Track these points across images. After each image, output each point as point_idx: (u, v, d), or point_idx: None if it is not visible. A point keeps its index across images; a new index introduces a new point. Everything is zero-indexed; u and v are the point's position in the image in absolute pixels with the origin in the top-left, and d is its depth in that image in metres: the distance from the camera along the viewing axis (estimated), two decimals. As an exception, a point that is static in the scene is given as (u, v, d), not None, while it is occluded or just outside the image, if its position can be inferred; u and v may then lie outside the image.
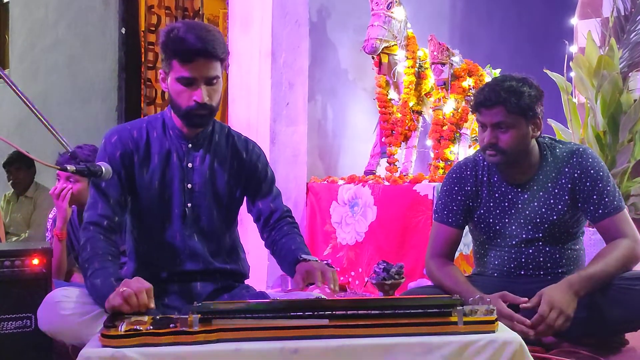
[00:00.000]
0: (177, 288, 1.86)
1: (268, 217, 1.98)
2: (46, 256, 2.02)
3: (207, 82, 1.76)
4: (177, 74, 1.75)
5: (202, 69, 1.74)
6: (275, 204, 1.99)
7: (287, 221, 1.99)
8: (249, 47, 3.71)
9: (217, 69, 1.77)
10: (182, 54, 1.73)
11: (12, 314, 1.96)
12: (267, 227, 1.98)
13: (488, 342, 1.44)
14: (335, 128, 4.33)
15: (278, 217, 1.98)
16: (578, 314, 1.98)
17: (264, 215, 1.98)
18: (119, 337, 1.37)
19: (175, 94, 1.78)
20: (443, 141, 3.73)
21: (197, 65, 1.73)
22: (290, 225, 1.98)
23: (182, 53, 1.73)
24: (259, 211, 1.99)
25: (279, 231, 1.96)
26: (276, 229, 1.97)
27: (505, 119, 2.04)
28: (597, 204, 2.08)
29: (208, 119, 1.84)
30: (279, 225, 1.97)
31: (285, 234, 1.95)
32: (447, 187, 2.25)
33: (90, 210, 1.80)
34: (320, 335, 1.43)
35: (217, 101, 1.81)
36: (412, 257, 3.25)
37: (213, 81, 1.77)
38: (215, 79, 1.78)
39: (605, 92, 3.53)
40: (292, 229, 1.97)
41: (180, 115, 1.82)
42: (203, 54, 1.73)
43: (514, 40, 5.63)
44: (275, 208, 1.98)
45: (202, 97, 1.75)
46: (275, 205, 1.98)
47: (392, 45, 3.76)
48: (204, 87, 1.75)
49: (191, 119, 1.80)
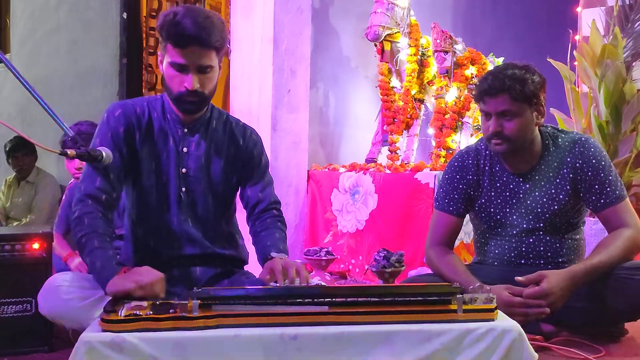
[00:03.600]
0: (177, 273, 1.85)
1: (254, 206, 1.94)
2: (46, 240, 2.02)
3: (200, 70, 1.74)
4: (170, 58, 1.74)
5: (195, 56, 1.72)
6: (264, 194, 1.95)
7: (271, 213, 1.94)
8: (251, 34, 3.69)
9: (211, 58, 1.75)
10: (176, 39, 1.71)
11: (13, 297, 1.97)
12: (251, 217, 1.95)
13: (487, 330, 1.44)
14: (337, 115, 4.31)
15: (263, 207, 1.94)
16: (578, 304, 1.98)
17: (251, 203, 1.95)
18: (118, 322, 1.38)
19: (168, 78, 1.77)
20: (445, 130, 3.72)
21: (190, 52, 1.71)
22: (274, 219, 1.94)
23: (175, 37, 1.71)
24: (247, 198, 1.96)
25: (261, 222, 1.92)
26: (259, 219, 1.93)
27: (510, 106, 2.04)
28: (599, 194, 2.07)
29: (199, 106, 1.82)
30: (263, 217, 1.93)
31: (266, 227, 1.91)
32: (448, 176, 2.24)
33: (86, 182, 1.75)
34: (319, 322, 1.44)
35: (210, 89, 1.79)
36: (413, 245, 3.25)
37: (206, 70, 1.74)
38: (209, 68, 1.75)
39: (608, 82, 3.51)
40: (274, 222, 1.93)
41: (172, 100, 1.81)
42: (197, 41, 1.70)
43: (518, 28, 5.59)
44: (263, 198, 1.94)
45: (192, 84, 1.73)
46: (263, 195, 1.95)
47: (395, 32, 3.74)
48: (196, 75, 1.73)
49: (181, 104, 1.79)
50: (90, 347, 1.34)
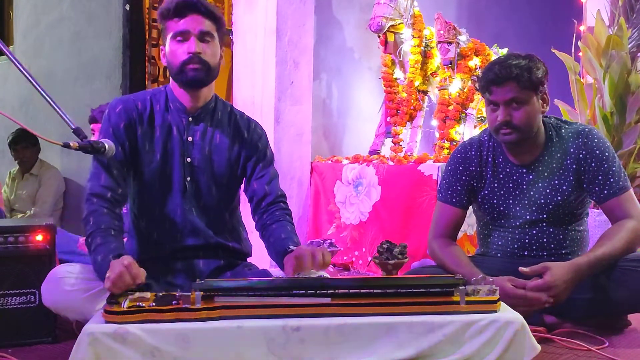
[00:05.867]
0: (180, 265, 1.86)
1: (261, 199, 1.93)
2: (50, 232, 2.03)
3: (201, 37, 1.81)
4: (172, 32, 1.81)
5: (194, 22, 1.80)
6: (270, 187, 1.94)
7: (279, 206, 1.93)
8: (254, 25, 3.68)
9: (210, 26, 1.83)
10: (175, 10, 1.80)
11: (17, 289, 1.98)
12: (258, 210, 1.94)
13: (490, 321, 1.44)
14: (340, 107, 4.30)
15: (271, 200, 1.93)
16: (581, 295, 1.98)
17: (257, 196, 1.94)
18: (121, 314, 1.38)
19: (172, 55, 1.82)
20: (448, 121, 3.70)
21: (189, 20, 1.80)
22: (282, 211, 1.93)
23: (174, 9, 1.80)
24: (253, 192, 1.95)
25: (270, 215, 1.91)
26: (267, 212, 1.92)
27: (518, 94, 2.03)
28: (603, 185, 2.06)
29: (204, 75, 1.82)
30: (271, 210, 1.92)
31: (277, 219, 1.89)
32: (451, 167, 2.24)
33: (92, 181, 1.78)
34: (322, 313, 1.44)
35: (213, 62, 1.84)
36: (416, 237, 3.25)
37: (206, 37, 1.82)
38: (209, 36, 1.82)
39: (613, 72, 3.49)
40: (283, 215, 1.91)
41: (176, 74, 1.83)
42: (194, 8, 1.80)
43: (522, 19, 5.56)
44: (270, 191, 1.93)
45: (195, 48, 1.78)
46: (269, 188, 1.94)
47: (399, 23, 3.72)
48: (198, 41, 1.80)
49: (186, 73, 1.81)
50: (93, 338, 1.34)
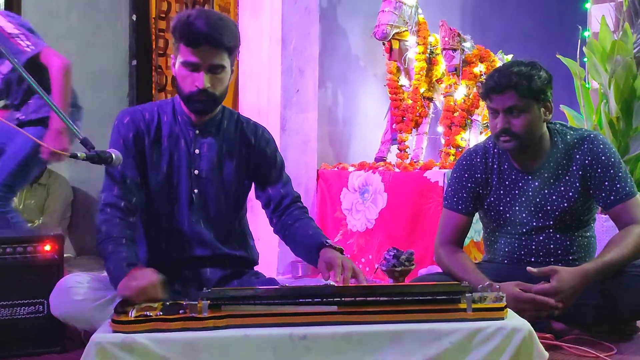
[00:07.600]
0: (187, 274, 1.87)
1: (279, 202, 1.96)
2: (58, 242, 2.03)
3: (211, 69, 1.77)
4: (182, 58, 1.77)
5: (206, 55, 1.75)
6: (286, 190, 1.98)
7: (297, 206, 1.97)
8: (259, 34, 3.70)
9: (223, 58, 1.78)
10: (188, 38, 1.74)
11: (25, 299, 1.98)
12: (277, 212, 1.97)
13: (497, 329, 1.44)
14: (346, 115, 4.31)
15: (289, 202, 1.96)
16: (589, 301, 1.97)
17: (274, 201, 1.97)
18: (129, 323, 1.39)
19: (181, 78, 1.80)
20: (454, 128, 3.70)
21: (202, 51, 1.74)
22: (301, 210, 1.97)
23: (188, 37, 1.74)
24: (268, 197, 1.98)
25: (289, 216, 1.95)
26: (286, 214, 1.95)
27: (517, 102, 2.03)
28: (609, 191, 2.06)
29: (210, 106, 1.84)
30: (289, 210, 1.95)
31: (297, 218, 1.93)
32: (457, 174, 2.24)
33: (106, 192, 1.80)
34: (329, 321, 1.44)
35: (221, 91, 1.81)
36: (423, 244, 3.24)
37: (217, 70, 1.78)
38: (220, 68, 1.78)
39: (618, 78, 3.49)
40: (302, 214, 1.96)
41: (183, 100, 1.83)
42: (209, 40, 1.73)
43: (527, 25, 5.55)
44: (286, 194, 1.97)
45: (204, 83, 1.75)
46: (285, 191, 1.97)
47: (403, 31, 3.73)
48: (207, 75, 1.76)
49: (192, 104, 1.82)
50: (101, 348, 1.35)
